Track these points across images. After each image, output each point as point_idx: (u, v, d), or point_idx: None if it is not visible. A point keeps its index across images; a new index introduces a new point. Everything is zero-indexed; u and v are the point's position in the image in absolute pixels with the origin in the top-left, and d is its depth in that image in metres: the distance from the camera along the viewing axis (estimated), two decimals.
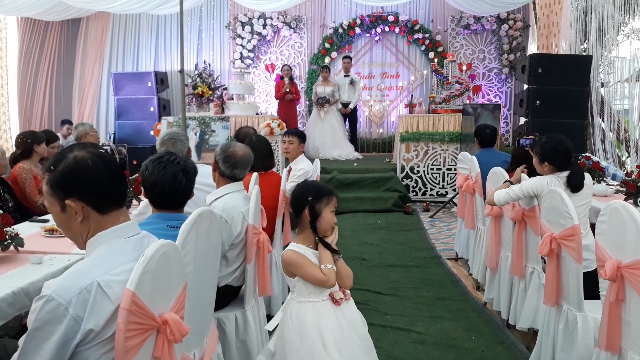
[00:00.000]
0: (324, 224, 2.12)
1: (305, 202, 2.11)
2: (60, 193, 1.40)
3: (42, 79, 10.14)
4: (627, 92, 7.30)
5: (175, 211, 2.10)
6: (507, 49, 9.63)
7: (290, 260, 2.10)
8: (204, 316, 1.99)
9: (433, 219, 6.72)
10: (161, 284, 1.40)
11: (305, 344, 2.01)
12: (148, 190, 2.09)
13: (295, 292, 2.12)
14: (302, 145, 4.34)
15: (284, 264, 2.12)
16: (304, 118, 10.00)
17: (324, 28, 10.04)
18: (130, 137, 8.99)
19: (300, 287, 2.11)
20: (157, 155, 2.12)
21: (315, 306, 2.08)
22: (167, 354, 1.40)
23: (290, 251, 2.12)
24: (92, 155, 1.41)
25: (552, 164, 3.00)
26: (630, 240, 1.93)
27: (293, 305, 2.11)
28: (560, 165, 2.98)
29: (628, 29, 7.24)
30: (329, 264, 2.08)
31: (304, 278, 2.09)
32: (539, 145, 3.07)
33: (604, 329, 2.05)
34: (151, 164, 2.07)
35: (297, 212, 2.15)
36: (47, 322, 1.23)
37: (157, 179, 2.04)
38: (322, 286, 2.08)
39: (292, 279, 2.13)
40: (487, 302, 3.80)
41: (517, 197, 3.09)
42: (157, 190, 2.05)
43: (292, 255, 2.10)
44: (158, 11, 9.29)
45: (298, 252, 2.11)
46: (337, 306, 2.11)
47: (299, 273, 2.09)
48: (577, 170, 2.93)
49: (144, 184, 2.10)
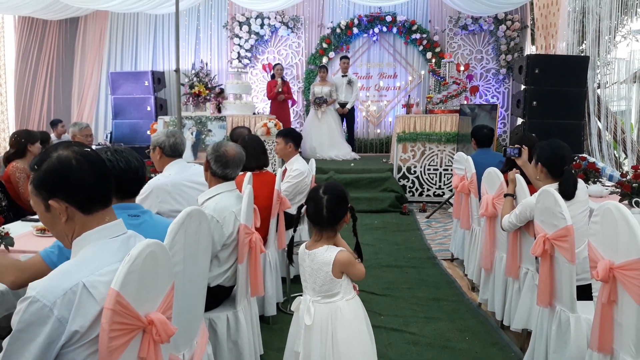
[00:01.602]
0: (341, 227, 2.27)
1: (346, 210, 2.23)
2: (43, 193, 1.38)
3: (40, 78, 10.12)
4: (624, 94, 7.30)
5: (132, 200, 2.10)
6: (504, 49, 9.63)
7: (349, 260, 2.19)
8: (194, 316, 1.98)
9: (429, 219, 6.71)
10: (147, 284, 1.38)
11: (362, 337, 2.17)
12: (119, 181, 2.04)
13: (341, 293, 2.19)
14: (289, 145, 4.31)
15: (341, 264, 2.18)
16: (301, 118, 9.99)
17: (321, 28, 10.02)
18: (127, 137, 8.98)
19: (346, 285, 2.21)
20: (105, 149, 2.10)
21: (357, 301, 2.26)
22: (152, 354, 1.38)
23: (344, 252, 2.20)
24: (77, 155, 1.39)
25: (546, 167, 2.98)
26: (623, 241, 1.92)
27: (341, 306, 2.18)
28: (554, 170, 2.95)
29: (626, 30, 7.24)
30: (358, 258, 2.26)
31: (355, 275, 2.22)
32: (538, 146, 3.05)
33: (596, 330, 2.04)
34: (112, 155, 2.03)
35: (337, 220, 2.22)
36: (31, 324, 1.22)
37: (125, 166, 2.03)
38: (362, 279, 2.25)
39: (338, 279, 2.19)
40: (481, 303, 3.80)
41: (517, 223, 3.08)
42: (126, 177, 2.03)
43: (348, 255, 2.20)
44: (156, 11, 9.28)
45: (348, 251, 2.22)
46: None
47: (353, 271, 2.21)
48: (569, 178, 2.88)
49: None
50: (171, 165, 3.26)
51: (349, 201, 2.24)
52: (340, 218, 2.22)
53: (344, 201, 2.23)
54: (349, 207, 2.23)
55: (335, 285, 2.18)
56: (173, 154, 3.27)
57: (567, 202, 2.81)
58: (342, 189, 2.28)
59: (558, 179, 2.91)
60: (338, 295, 2.19)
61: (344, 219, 2.23)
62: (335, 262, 2.16)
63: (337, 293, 2.19)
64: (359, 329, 2.18)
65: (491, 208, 3.49)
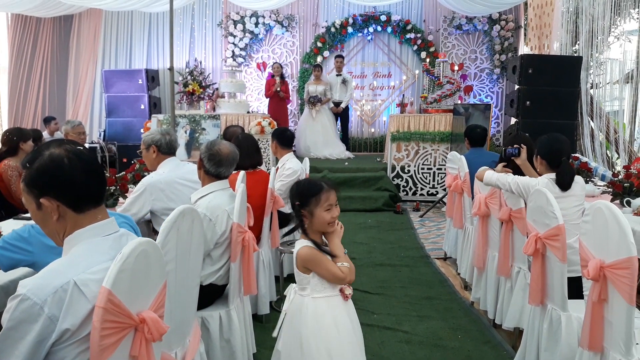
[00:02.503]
0: (317, 224, 2.13)
1: (296, 207, 2.15)
2: (35, 191, 1.37)
3: (35, 76, 10.07)
4: (617, 94, 7.34)
5: None
6: (498, 49, 9.67)
7: (309, 256, 2.10)
8: (186, 315, 1.98)
9: (423, 218, 6.72)
10: (139, 282, 1.38)
11: (323, 339, 2.04)
12: None
13: (309, 289, 2.12)
14: (274, 143, 4.35)
15: (301, 260, 2.12)
16: (296, 117, 9.99)
17: (316, 27, 10.03)
18: (121, 135, 8.95)
19: (315, 283, 2.11)
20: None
21: (329, 301, 2.11)
22: (144, 353, 1.38)
23: (306, 247, 2.11)
24: (69, 153, 1.38)
25: (545, 159, 3.05)
26: (613, 240, 1.94)
27: (307, 302, 2.11)
28: (552, 162, 3.02)
29: (618, 30, 7.28)
30: (345, 262, 2.11)
31: (321, 274, 2.10)
32: (539, 140, 3.16)
33: (587, 328, 2.06)
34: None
35: (297, 216, 2.17)
36: (21, 322, 1.21)
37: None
38: (340, 283, 2.11)
39: (305, 275, 2.13)
40: (474, 302, 3.81)
41: (506, 187, 3.10)
42: None
43: (310, 251, 2.10)
44: (150, 9, 9.25)
45: (313, 248, 2.12)
46: (346, 301, 2.16)
47: (318, 269, 2.10)
48: (567, 169, 2.95)
49: None
50: (165, 163, 3.28)
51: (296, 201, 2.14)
52: (297, 215, 2.16)
53: (293, 198, 2.16)
54: (296, 204, 2.14)
55: (303, 280, 2.14)
56: (169, 151, 3.31)
57: (563, 192, 2.87)
58: (295, 185, 2.22)
59: (556, 170, 2.97)
60: (306, 290, 2.13)
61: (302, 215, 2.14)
62: (297, 257, 2.13)
63: (305, 288, 2.14)
64: (320, 331, 2.05)
65: (484, 207, 3.50)
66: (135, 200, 3.07)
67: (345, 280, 2.10)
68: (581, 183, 3.02)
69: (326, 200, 2.11)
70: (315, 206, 2.11)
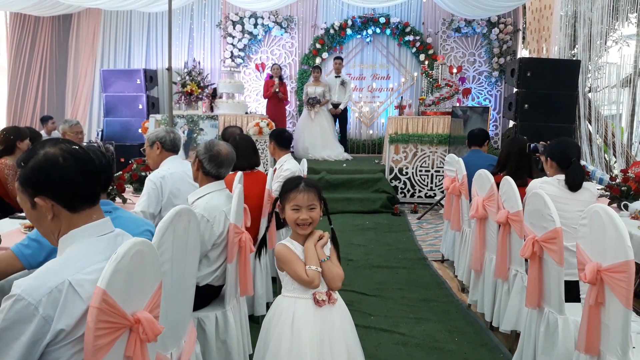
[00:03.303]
0: (288, 222, 2.14)
1: (274, 200, 2.18)
2: (29, 190, 1.36)
3: (34, 76, 10.06)
4: (615, 98, 7.35)
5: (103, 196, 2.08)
6: (497, 52, 9.68)
7: (279, 254, 2.11)
8: (182, 315, 1.97)
9: (421, 220, 6.72)
10: (134, 283, 1.37)
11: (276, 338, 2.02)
12: None
13: (283, 286, 2.13)
14: (271, 144, 4.36)
15: (276, 257, 2.13)
16: (294, 118, 9.99)
17: (315, 28, 10.03)
18: (118, 135, 8.94)
19: (287, 281, 2.11)
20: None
21: (296, 302, 2.07)
22: (139, 353, 1.37)
23: (281, 245, 2.12)
24: (64, 152, 1.37)
25: (555, 161, 3.11)
26: (610, 243, 1.94)
27: (278, 299, 2.13)
28: (562, 163, 3.05)
29: (617, 34, 7.29)
30: (313, 266, 2.05)
31: (289, 274, 2.09)
32: (549, 144, 3.23)
33: (584, 331, 2.05)
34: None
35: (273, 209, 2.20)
36: (16, 322, 1.20)
37: None
38: (306, 287, 2.07)
39: (280, 272, 2.13)
40: (471, 304, 3.81)
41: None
42: None
43: (282, 249, 2.11)
44: (148, 9, 9.23)
45: (288, 247, 2.11)
46: (319, 307, 2.08)
47: (286, 269, 2.09)
48: (576, 170, 2.98)
49: None
50: (168, 160, 3.34)
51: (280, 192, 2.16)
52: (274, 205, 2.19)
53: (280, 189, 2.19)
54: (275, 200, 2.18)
55: (280, 277, 2.16)
56: (173, 148, 3.38)
57: (572, 194, 2.89)
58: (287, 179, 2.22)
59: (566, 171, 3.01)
60: (282, 288, 2.14)
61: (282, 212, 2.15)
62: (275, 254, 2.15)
63: (282, 285, 2.15)
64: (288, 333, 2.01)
65: (481, 210, 3.50)
66: (150, 198, 3.08)
67: (311, 284, 2.04)
68: (592, 191, 3.03)
69: (294, 199, 2.09)
70: (286, 203, 2.11)
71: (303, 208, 2.09)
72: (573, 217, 2.84)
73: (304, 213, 2.09)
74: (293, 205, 2.09)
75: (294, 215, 2.09)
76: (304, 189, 2.09)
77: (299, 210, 2.09)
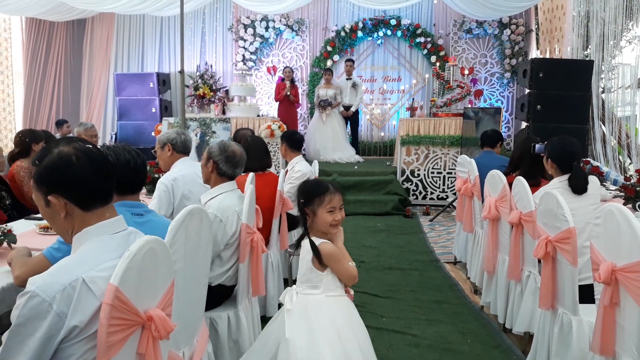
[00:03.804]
0: (319, 224, 2.16)
1: (300, 204, 2.18)
2: (43, 188, 1.38)
3: (49, 80, 10.19)
4: (629, 98, 7.27)
5: (134, 197, 2.11)
6: (509, 53, 9.62)
7: (333, 253, 2.13)
8: (194, 314, 1.98)
9: (433, 222, 6.70)
10: (147, 280, 1.38)
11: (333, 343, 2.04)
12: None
13: (322, 287, 2.14)
14: (283, 145, 4.38)
15: (324, 255, 2.13)
16: (306, 121, 10.00)
17: (326, 31, 10.04)
18: (132, 138, 9.00)
19: (329, 281, 2.14)
20: (106, 146, 2.15)
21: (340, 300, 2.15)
22: (151, 350, 1.38)
23: (330, 245, 2.15)
24: (77, 151, 1.39)
25: (556, 163, 3.03)
26: (625, 243, 1.91)
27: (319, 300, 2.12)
28: (563, 166, 2.99)
29: (631, 34, 7.21)
30: (351, 262, 2.16)
31: (339, 272, 2.14)
32: (549, 143, 3.12)
33: (598, 332, 2.03)
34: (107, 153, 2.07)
35: (301, 214, 2.21)
36: (30, 318, 1.22)
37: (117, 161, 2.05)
38: (353, 282, 2.17)
39: (319, 272, 2.14)
40: (484, 306, 3.78)
41: None
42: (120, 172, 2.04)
43: (334, 249, 2.14)
44: (161, 13, 9.32)
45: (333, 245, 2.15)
46: (350, 299, 2.20)
47: (338, 267, 2.13)
48: (579, 173, 2.92)
49: None
50: (180, 162, 3.36)
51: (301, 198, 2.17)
52: (301, 210, 2.19)
53: (298, 195, 2.20)
54: (300, 202, 2.18)
55: (315, 278, 2.15)
56: (184, 150, 3.40)
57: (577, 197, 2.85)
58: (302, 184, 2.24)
59: (568, 174, 2.95)
60: (319, 288, 2.14)
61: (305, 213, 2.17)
62: (319, 252, 2.13)
63: (317, 286, 2.14)
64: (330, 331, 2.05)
65: (494, 211, 3.47)
66: (161, 200, 3.11)
67: (355, 279, 2.16)
68: (595, 182, 2.99)
69: (329, 202, 2.15)
70: (318, 206, 2.14)
71: (337, 209, 2.16)
72: (587, 212, 2.82)
73: (338, 213, 2.17)
74: (329, 207, 2.15)
75: (330, 217, 2.15)
76: (336, 191, 2.18)
77: (334, 211, 2.15)
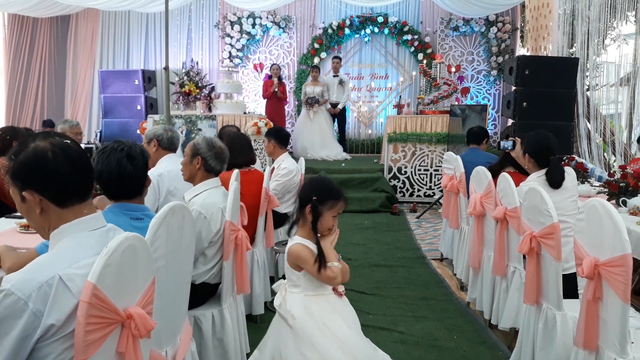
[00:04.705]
0: (322, 226, 2.15)
1: (309, 200, 2.13)
2: (18, 184, 1.35)
3: (33, 77, 10.05)
4: (614, 96, 7.34)
5: (133, 200, 2.06)
6: (495, 51, 9.67)
7: (299, 254, 2.10)
8: (177, 313, 1.95)
9: (420, 219, 6.71)
10: (126, 278, 1.35)
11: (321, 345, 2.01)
12: (97, 182, 2.05)
13: (301, 286, 2.12)
14: (271, 142, 4.32)
15: (292, 256, 2.12)
16: (293, 118, 9.98)
17: (313, 28, 10.02)
18: (117, 136, 8.89)
19: (306, 281, 2.12)
20: (103, 146, 2.10)
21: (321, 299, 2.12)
22: (131, 349, 1.36)
23: (299, 245, 2.12)
24: (54, 147, 1.35)
25: (533, 157, 3.05)
26: (608, 238, 1.92)
27: (298, 299, 2.11)
28: (540, 160, 3.01)
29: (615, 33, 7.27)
30: (335, 262, 2.10)
31: (311, 273, 2.09)
32: (525, 138, 3.13)
33: (582, 327, 2.04)
34: (96, 155, 2.05)
35: (301, 206, 2.17)
36: (5, 317, 1.19)
37: (102, 168, 2.02)
38: (329, 284, 2.12)
39: (297, 272, 2.13)
40: (470, 302, 3.79)
41: None
42: (104, 179, 2.03)
43: (302, 249, 2.11)
44: (146, 9, 9.24)
45: (307, 246, 2.12)
46: (340, 298, 2.17)
47: (308, 268, 2.09)
48: (556, 167, 2.95)
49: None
50: (165, 158, 3.35)
51: (314, 195, 2.11)
52: (302, 205, 2.15)
53: (307, 192, 2.15)
54: (313, 199, 2.11)
55: (293, 277, 2.15)
56: (169, 147, 3.39)
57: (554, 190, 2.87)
58: (318, 180, 2.23)
59: (545, 169, 2.96)
60: (298, 287, 2.14)
61: (304, 210, 2.14)
62: (288, 253, 2.14)
63: (297, 285, 2.14)
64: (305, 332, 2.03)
65: (479, 207, 3.48)
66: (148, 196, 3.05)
67: (334, 280, 2.10)
68: (572, 174, 3.02)
69: (338, 209, 2.17)
70: (329, 209, 2.14)
71: (338, 215, 2.18)
72: (566, 205, 2.88)
73: (336, 220, 2.19)
74: (335, 212, 2.16)
75: (332, 222, 2.17)
76: (345, 200, 2.21)
77: (336, 217, 2.18)
